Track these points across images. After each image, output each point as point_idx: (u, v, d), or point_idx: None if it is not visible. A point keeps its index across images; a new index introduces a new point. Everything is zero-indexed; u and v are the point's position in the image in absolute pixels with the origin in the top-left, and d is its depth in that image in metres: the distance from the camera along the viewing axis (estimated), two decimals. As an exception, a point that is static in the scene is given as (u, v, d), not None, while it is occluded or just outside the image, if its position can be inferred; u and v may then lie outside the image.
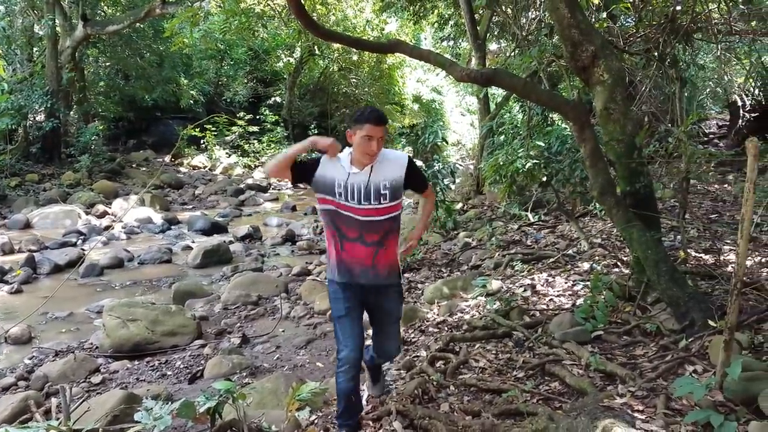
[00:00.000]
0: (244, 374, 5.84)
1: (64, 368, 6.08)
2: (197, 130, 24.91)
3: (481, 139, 14.55)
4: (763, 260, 6.16)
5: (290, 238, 12.98)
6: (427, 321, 6.66)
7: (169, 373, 6.20)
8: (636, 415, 3.41)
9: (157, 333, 6.90)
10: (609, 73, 4.95)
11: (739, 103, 12.65)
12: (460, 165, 26.17)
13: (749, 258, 6.07)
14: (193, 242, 12.64)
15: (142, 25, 21.85)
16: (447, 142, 17.73)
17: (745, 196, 3.31)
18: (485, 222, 11.35)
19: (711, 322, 4.25)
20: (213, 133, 25.67)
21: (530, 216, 11.02)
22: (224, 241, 12.09)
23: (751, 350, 3.98)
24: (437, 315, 6.77)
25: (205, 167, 24.40)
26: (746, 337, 4.08)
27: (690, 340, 4.28)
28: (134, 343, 6.77)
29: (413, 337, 6.27)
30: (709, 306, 4.39)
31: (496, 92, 19.14)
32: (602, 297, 5.16)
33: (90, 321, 8.12)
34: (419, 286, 8.23)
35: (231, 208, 17.44)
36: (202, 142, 25.71)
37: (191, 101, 26.24)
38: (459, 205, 14.05)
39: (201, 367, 6.16)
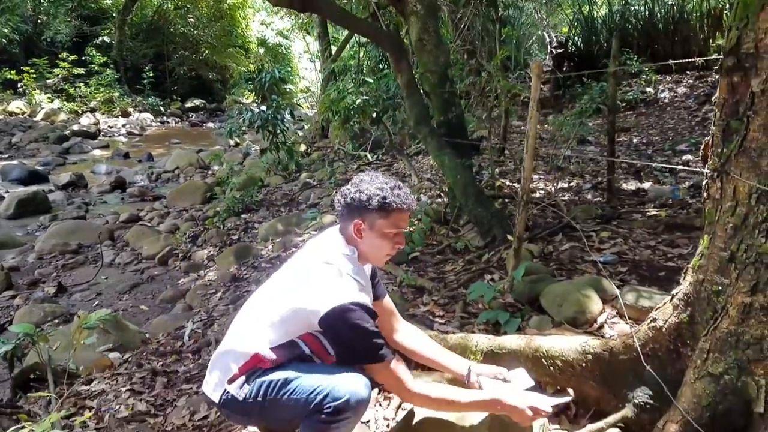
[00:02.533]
0: (57, 322, 5.48)
1: None
2: (13, 72, 22.50)
3: (323, 81, 14.47)
4: (566, 186, 6.72)
5: (120, 186, 12.22)
6: (261, 257, 6.61)
7: (-26, 324, 5.68)
8: (436, 319, 3.64)
9: (-43, 285, 6.27)
10: (421, 3, 5.05)
11: (561, 50, 13.57)
12: (309, 111, 25.89)
13: (553, 184, 6.60)
14: (7, 192, 11.51)
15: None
16: (285, 82, 17.42)
17: (530, 114, 3.55)
18: (327, 163, 11.38)
19: (509, 237, 4.57)
20: (32, 76, 23.25)
21: (369, 156, 11.21)
22: (42, 190, 11.12)
23: (541, 258, 4.36)
24: (271, 251, 6.74)
25: (23, 113, 22.12)
26: (538, 248, 4.45)
27: (491, 254, 4.60)
28: (-69, 298, 6.11)
29: (246, 274, 6.20)
30: (509, 223, 4.73)
31: (339, 34, 19.06)
32: (419, 222, 5.38)
33: None
34: (256, 226, 8.11)
35: (54, 157, 16.02)
36: (19, 85, 23.22)
37: (4, 41, 23.49)
38: (303, 148, 13.95)
39: (9, 318, 5.69)
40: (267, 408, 2.11)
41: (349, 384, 2.02)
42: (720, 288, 2.08)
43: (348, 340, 2.09)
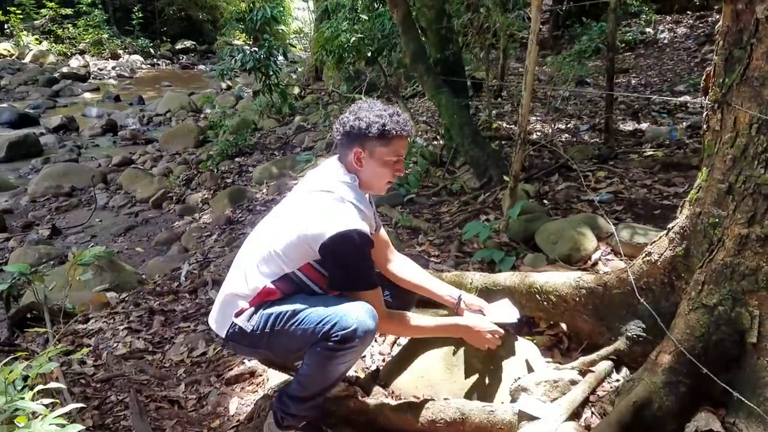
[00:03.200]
0: (53, 263, 5.48)
1: None
2: (-1, 12, 21.96)
3: (317, 21, 14.11)
4: (563, 127, 6.66)
5: (112, 129, 12.07)
6: (256, 201, 6.59)
7: (-32, 266, 5.67)
8: (432, 259, 3.64)
9: (-49, 228, 6.25)
10: (418, -66, 4.88)
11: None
12: (303, 54, 25.39)
13: (550, 125, 6.54)
14: (-2, 135, 11.36)
15: None
16: (277, 21, 16.99)
17: (529, 48, 3.47)
18: (321, 106, 11.22)
19: (505, 177, 4.55)
20: (18, 16, 22.64)
21: (363, 98, 11.04)
22: (33, 133, 10.97)
23: (537, 198, 4.35)
24: (266, 195, 6.71)
25: (11, 55, 21.64)
26: (534, 188, 4.44)
27: (487, 194, 4.59)
28: (-77, 241, 6.09)
29: (241, 216, 6.19)
30: (505, 164, 4.71)
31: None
32: (415, 164, 5.34)
33: None
34: (250, 169, 8.04)
35: (44, 99, 15.76)
36: (6, 27, 22.65)
37: (-15, -20, 22.79)
38: (296, 91, 13.73)
39: (4, 260, 5.69)
40: (274, 338, 2.14)
41: (357, 314, 2.03)
42: (717, 220, 2.07)
43: (346, 265, 2.11)
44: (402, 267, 2.55)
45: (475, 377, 2.48)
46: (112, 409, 2.80)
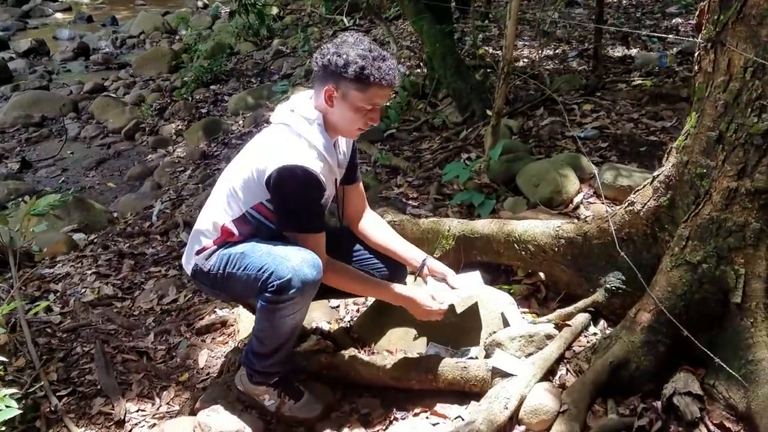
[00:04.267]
0: (22, 200, 5.29)
1: None
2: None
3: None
4: (551, 53, 6.41)
5: (84, 53, 11.54)
6: (231, 133, 6.37)
7: (-69, 203, 5.48)
8: (410, 202, 3.52)
9: None
10: None
11: None
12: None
13: (537, 51, 6.28)
14: (-37, 59, 10.85)
15: None
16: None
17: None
18: (300, 28, 10.77)
19: (489, 112, 4.37)
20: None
21: (345, 20, 10.61)
22: (2, 58, 10.49)
23: (521, 135, 4.19)
24: (242, 127, 6.48)
25: (-24, -27, 20.50)
26: (518, 123, 4.27)
27: (469, 130, 4.42)
28: None
29: (215, 150, 6.00)
30: (489, 96, 4.51)
31: None
32: (396, 96, 5.12)
33: None
34: (226, 98, 7.74)
35: (13, 21, 15.01)
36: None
37: None
38: (275, 11, 13.16)
39: (-30, 196, 5.50)
40: (227, 281, 2.06)
41: (294, 262, 1.90)
42: (704, 171, 1.95)
43: (286, 203, 1.98)
44: (372, 227, 2.39)
45: (450, 330, 2.41)
46: (77, 361, 2.73)
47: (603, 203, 3.07)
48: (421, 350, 2.39)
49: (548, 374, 2.09)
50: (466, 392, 2.17)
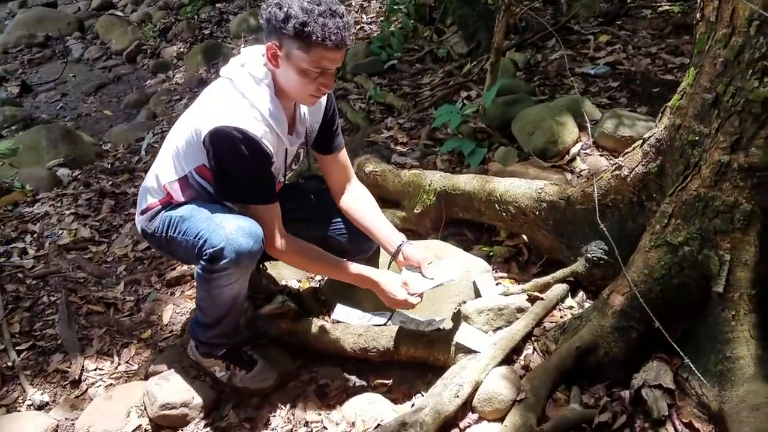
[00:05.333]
0: (16, 127, 5.18)
1: None
2: None
3: None
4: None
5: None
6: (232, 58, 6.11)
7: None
8: (398, 147, 3.31)
9: None
10: None
11: None
12: None
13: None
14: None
15: None
16: None
17: None
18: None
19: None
20: None
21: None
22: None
23: (526, 70, 3.88)
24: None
25: None
26: (525, 57, 3.95)
27: (473, 64, 4.12)
28: None
29: (214, 77, 5.74)
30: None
31: None
32: (398, 22, 4.80)
33: None
34: (230, 18, 7.36)
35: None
36: None
37: None
38: None
39: (-33, 122, 5.41)
40: (170, 244, 1.94)
41: (228, 230, 1.74)
42: (697, 138, 1.71)
43: (223, 169, 1.79)
44: (355, 202, 2.17)
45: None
46: (43, 311, 2.67)
47: (600, 155, 2.84)
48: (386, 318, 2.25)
49: (513, 353, 1.95)
50: (429, 366, 2.06)
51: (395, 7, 4.84)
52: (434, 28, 4.87)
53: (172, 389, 2.03)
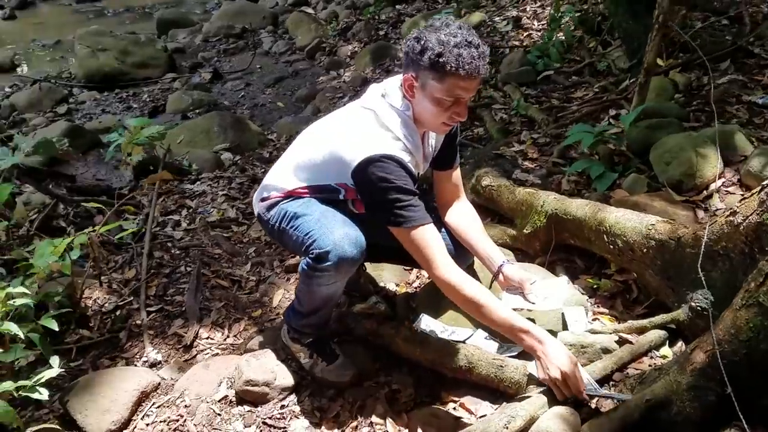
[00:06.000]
0: (199, 111, 5.77)
1: (31, 98, 6.18)
2: None
3: None
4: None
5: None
6: (397, 60, 6.29)
7: (134, 105, 6.24)
8: (526, 163, 3.23)
9: (127, 64, 6.83)
10: None
11: None
12: None
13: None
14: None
15: None
16: None
17: None
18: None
19: (659, 61, 3.81)
20: None
21: None
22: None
23: (687, 93, 3.58)
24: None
25: None
26: (687, 79, 3.65)
27: (632, 80, 3.88)
28: (104, 74, 6.75)
29: (377, 77, 5.99)
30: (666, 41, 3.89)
31: None
32: (561, 33, 4.66)
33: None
34: (407, 19, 7.56)
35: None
36: None
37: None
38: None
39: (164, 102, 6.15)
40: (282, 234, 2.10)
41: (337, 236, 1.87)
42: (816, 193, 1.52)
43: (371, 195, 1.90)
44: (462, 218, 2.25)
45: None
46: (179, 279, 3.00)
47: (743, 194, 2.57)
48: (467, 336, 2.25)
49: (584, 394, 1.86)
50: (500, 391, 2.03)
51: (559, 16, 4.69)
52: (600, 40, 4.66)
53: (259, 367, 2.20)
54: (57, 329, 2.18)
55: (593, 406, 1.82)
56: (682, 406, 1.66)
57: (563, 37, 4.61)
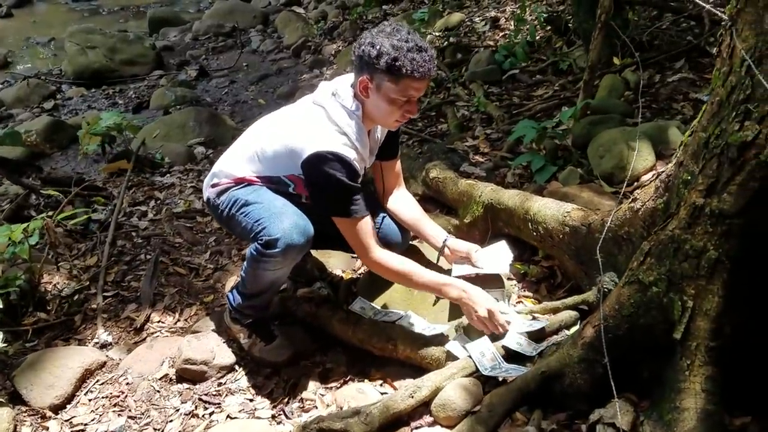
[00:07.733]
0: (180, 108, 5.88)
1: (19, 94, 6.34)
2: None
3: None
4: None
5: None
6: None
7: (120, 102, 6.39)
8: (476, 158, 3.36)
9: (115, 61, 6.98)
10: None
11: None
12: None
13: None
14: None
15: None
16: None
17: None
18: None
19: (615, 60, 3.94)
20: None
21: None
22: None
23: (636, 91, 3.68)
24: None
25: None
26: (637, 77, 3.76)
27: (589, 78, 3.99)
28: (93, 71, 6.90)
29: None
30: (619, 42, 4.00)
31: None
32: (526, 33, 4.77)
33: (68, 48, 8.22)
34: (391, 20, 7.71)
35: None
36: None
37: None
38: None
39: (149, 98, 6.28)
40: (231, 221, 2.23)
41: (286, 225, 2.01)
42: (689, 178, 1.64)
43: (317, 187, 2.06)
44: (400, 204, 2.45)
45: (441, 303, 2.34)
46: (138, 267, 3.13)
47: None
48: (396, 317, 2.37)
49: (494, 369, 1.98)
50: (423, 368, 2.15)
51: (524, 17, 4.81)
52: (566, 40, 4.78)
53: (199, 347, 2.33)
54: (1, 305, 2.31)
55: (500, 379, 1.94)
56: (573, 378, 1.78)
57: (529, 38, 4.72)
